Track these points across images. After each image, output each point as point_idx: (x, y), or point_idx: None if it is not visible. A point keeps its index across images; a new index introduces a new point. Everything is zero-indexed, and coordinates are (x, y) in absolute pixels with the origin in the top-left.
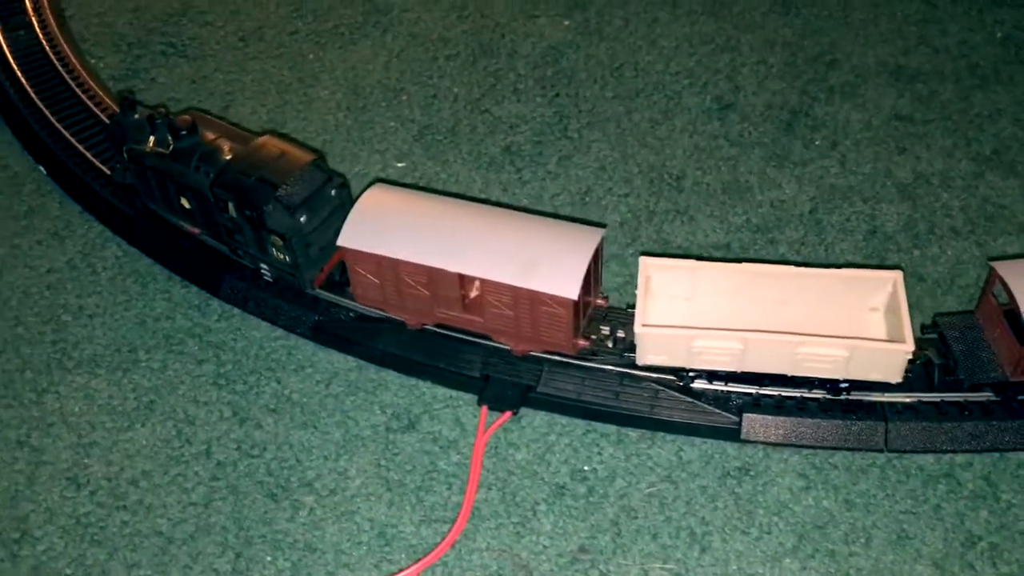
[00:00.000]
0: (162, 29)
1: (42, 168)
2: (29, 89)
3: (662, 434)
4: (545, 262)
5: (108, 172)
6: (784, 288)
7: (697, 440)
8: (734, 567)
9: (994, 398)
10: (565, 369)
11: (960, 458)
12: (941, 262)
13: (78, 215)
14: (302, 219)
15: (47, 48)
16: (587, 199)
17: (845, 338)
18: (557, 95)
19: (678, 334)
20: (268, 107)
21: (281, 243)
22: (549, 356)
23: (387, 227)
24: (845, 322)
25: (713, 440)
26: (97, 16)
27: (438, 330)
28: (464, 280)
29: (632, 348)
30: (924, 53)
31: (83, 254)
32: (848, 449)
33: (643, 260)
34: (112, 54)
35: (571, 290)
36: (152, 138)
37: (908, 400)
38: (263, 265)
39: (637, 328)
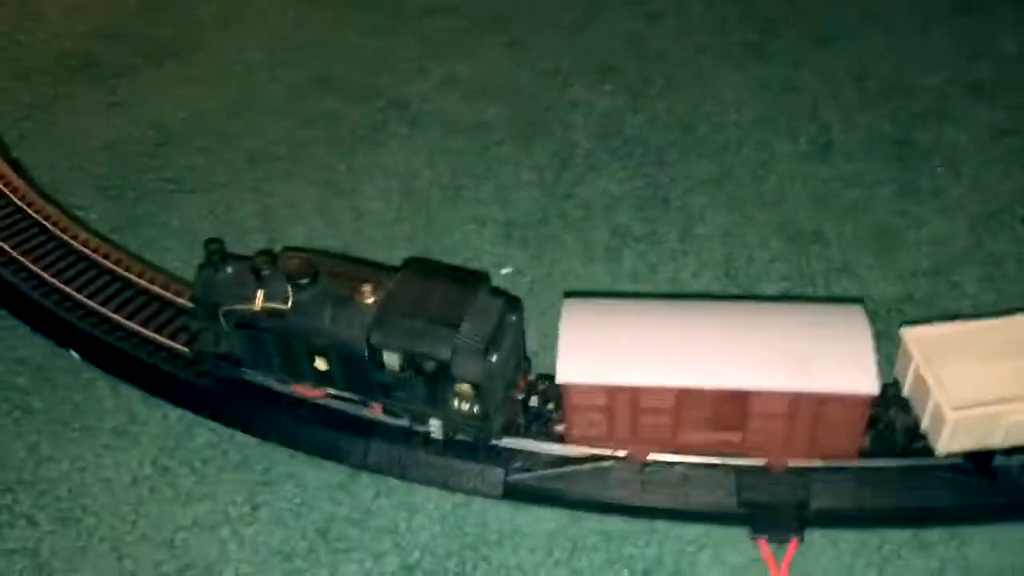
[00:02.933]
0: (148, 164)
1: (73, 352)
2: (31, 265)
3: (966, 528)
4: (823, 356)
5: (181, 346)
6: None
7: (1009, 526)
8: None
9: None
10: (841, 476)
11: None
12: None
13: (140, 401)
14: (493, 359)
15: (28, 211)
16: (732, 272)
17: None
18: (640, 164)
19: (998, 411)
20: (318, 231)
21: (470, 392)
22: (816, 465)
23: (612, 352)
24: None
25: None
26: (63, 161)
27: (673, 459)
28: (722, 397)
29: (911, 437)
30: (988, 65)
31: (167, 449)
32: None
33: (906, 334)
34: (100, 201)
35: (870, 384)
36: (260, 293)
37: None
38: (433, 421)
39: (947, 413)
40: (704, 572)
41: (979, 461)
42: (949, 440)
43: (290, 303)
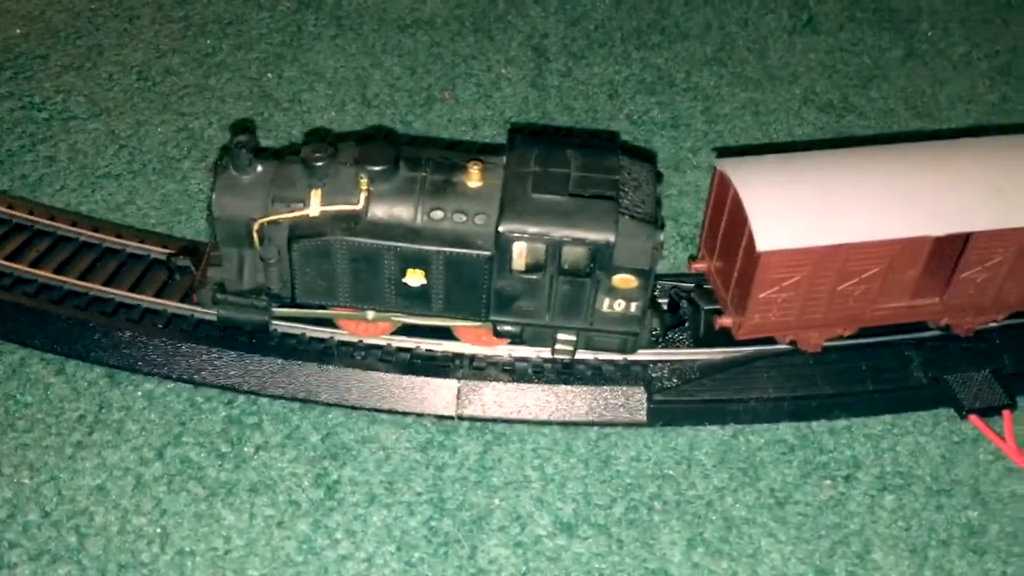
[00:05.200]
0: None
1: None
2: None
3: None
4: None
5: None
6: None
7: None
8: None
9: None
10: None
11: None
12: None
13: (109, 380)
14: (660, 238)
15: None
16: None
17: None
18: (626, 49)
19: None
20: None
21: (633, 285)
22: (1004, 323)
23: (813, 209)
24: None
25: None
26: None
27: (839, 343)
28: (941, 244)
29: None
30: None
31: (174, 436)
32: None
33: None
34: None
35: None
36: (316, 192)
37: None
38: (563, 336)
39: None
40: (912, 465)
41: None
42: None
43: (363, 200)
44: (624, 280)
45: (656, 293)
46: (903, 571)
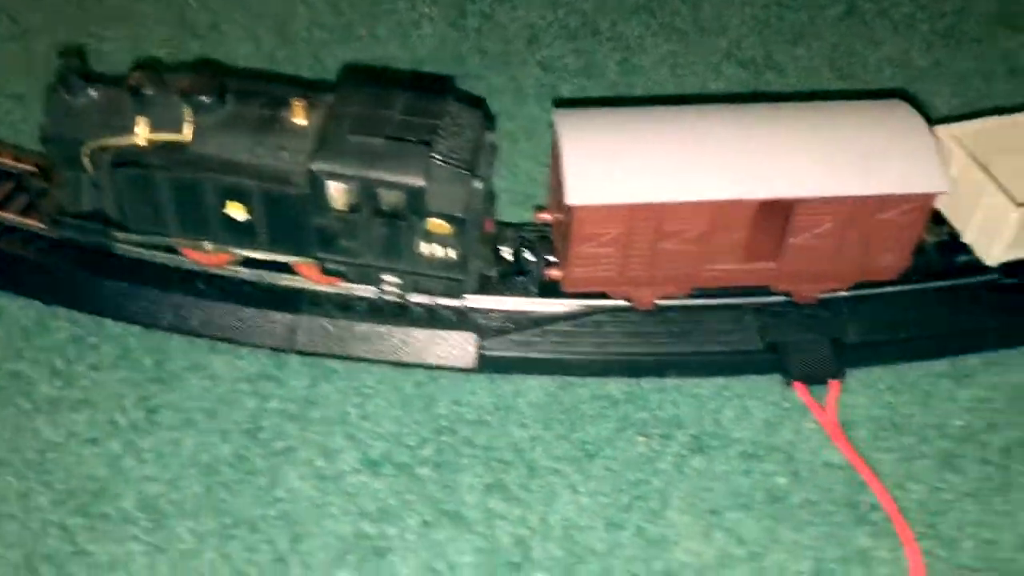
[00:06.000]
0: None
1: None
2: None
3: (1003, 353)
4: (882, 155)
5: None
6: None
7: None
8: None
9: None
10: (879, 303)
11: None
12: None
13: None
14: (477, 185)
15: None
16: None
17: None
18: None
19: None
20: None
21: (448, 230)
22: (848, 294)
23: (633, 165)
24: None
25: None
26: None
27: (677, 302)
28: (766, 209)
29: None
30: None
31: (15, 351)
32: None
33: (943, 132)
34: None
35: (939, 181)
36: (143, 122)
37: None
38: (389, 278)
39: (1009, 211)
40: (731, 429)
41: (1017, 273)
42: (1008, 245)
43: (188, 130)
44: (438, 225)
45: (506, 241)
46: (694, 530)
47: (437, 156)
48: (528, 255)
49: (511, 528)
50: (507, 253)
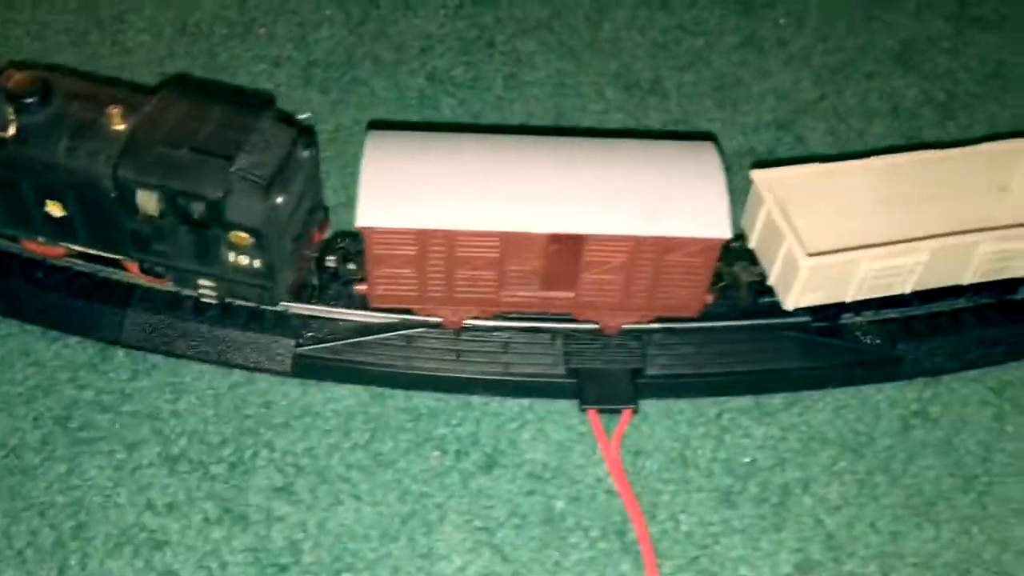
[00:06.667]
0: None
1: None
2: None
3: (807, 393)
4: (672, 198)
5: None
6: (916, 180)
7: (851, 390)
8: None
9: None
10: (680, 338)
11: None
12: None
13: None
14: (278, 201)
15: None
16: (562, 124)
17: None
18: (462, 4)
19: (852, 259)
20: (71, 67)
21: (249, 242)
22: (653, 326)
23: (427, 190)
24: (986, 207)
25: (874, 384)
26: None
27: (488, 323)
28: (554, 244)
29: (755, 292)
30: None
31: None
32: None
33: (756, 176)
34: None
35: (723, 228)
36: None
37: None
38: (204, 282)
39: (801, 262)
40: (526, 450)
41: (827, 317)
42: (800, 292)
43: (12, 129)
44: (240, 237)
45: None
46: (463, 545)
47: (238, 170)
48: (351, 266)
49: (288, 532)
50: (333, 263)
